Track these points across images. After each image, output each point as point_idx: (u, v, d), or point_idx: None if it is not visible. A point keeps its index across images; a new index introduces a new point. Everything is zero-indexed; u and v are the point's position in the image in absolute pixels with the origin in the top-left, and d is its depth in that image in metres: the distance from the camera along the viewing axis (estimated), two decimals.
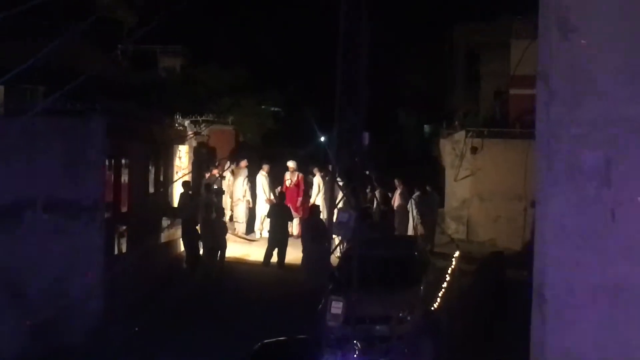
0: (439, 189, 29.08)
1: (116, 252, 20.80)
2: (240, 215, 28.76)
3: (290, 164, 29.17)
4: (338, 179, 17.20)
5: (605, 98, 8.36)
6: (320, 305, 15.97)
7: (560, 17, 8.44)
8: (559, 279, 8.44)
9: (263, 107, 36.12)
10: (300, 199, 28.43)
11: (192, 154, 29.07)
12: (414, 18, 32.67)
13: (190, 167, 28.28)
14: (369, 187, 25.82)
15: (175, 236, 25.62)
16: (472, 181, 28.36)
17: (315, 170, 28.64)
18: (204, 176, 28.15)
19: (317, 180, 28.36)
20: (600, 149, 8.29)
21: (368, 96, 15.30)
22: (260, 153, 32.12)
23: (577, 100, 8.43)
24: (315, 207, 25.66)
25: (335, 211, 16.62)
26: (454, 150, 29.27)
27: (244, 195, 28.72)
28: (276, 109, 36.63)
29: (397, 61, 33.49)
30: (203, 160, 29.68)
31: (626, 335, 8.35)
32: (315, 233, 22.88)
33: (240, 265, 25.39)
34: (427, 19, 33.64)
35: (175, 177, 26.81)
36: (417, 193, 27.35)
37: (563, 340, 8.43)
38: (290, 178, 28.88)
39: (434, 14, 33.73)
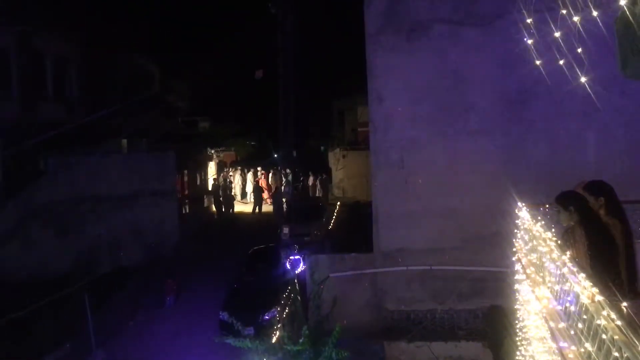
0: (329, 175, 29.19)
1: (183, 212, 20.58)
2: (239, 192, 28.59)
3: (259, 168, 29.11)
4: (283, 174, 17.24)
5: (399, 129, 8.65)
6: (279, 229, 16.03)
7: (377, 95, 8.71)
8: (383, 211, 8.73)
9: (247, 142, 35.95)
10: (265, 183, 28.37)
11: (215, 165, 28.82)
12: (315, 96, 31.66)
13: (215, 172, 28.01)
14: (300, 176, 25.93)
15: (210, 203, 25.28)
16: (344, 170, 28.51)
17: (271, 171, 28.55)
18: (222, 175, 27.97)
19: (271, 175, 28.29)
20: (398, 152, 8.58)
21: (294, 134, 15.36)
22: (246, 164, 31.89)
23: (386, 131, 8.71)
24: (278, 189, 25.53)
25: (282, 187, 16.66)
26: (335, 157, 29.40)
27: (241, 183, 28.71)
28: (253, 142, 36.42)
29: (308, 116, 32.65)
30: (221, 168, 29.44)
31: (408, 235, 8.63)
32: (278, 200, 22.79)
33: (241, 214, 25.20)
34: (321, 96, 32.93)
35: (209, 176, 26.59)
36: (319, 177, 27.55)
37: (387, 237, 8.73)
38: (260, 175, 28.82)
39: (324, 93, 33.01)
